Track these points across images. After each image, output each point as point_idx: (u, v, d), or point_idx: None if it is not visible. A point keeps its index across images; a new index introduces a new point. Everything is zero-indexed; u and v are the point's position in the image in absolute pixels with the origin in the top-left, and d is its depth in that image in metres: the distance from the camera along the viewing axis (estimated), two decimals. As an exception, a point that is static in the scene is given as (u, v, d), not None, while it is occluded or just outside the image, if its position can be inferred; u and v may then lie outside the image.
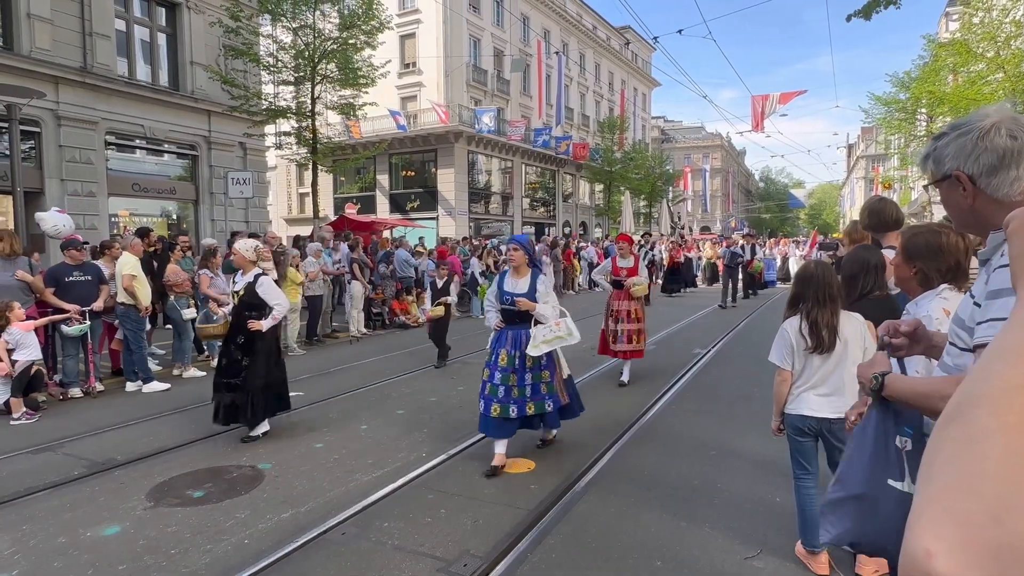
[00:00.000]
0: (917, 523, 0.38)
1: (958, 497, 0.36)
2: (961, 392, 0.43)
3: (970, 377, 0.43)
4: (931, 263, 2.15)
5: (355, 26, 15.00)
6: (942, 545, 0.35)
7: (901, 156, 26.78)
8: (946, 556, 0.35)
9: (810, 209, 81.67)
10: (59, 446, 5.24)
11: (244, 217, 17.27)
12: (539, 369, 4.59)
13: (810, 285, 2.98)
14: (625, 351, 7.02)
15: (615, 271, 7.20)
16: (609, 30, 43.23)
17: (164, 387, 7.19)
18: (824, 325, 2.92)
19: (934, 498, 0.38)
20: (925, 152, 1.27)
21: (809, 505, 3.11)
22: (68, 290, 6.87)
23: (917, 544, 0.36)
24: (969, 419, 0.40)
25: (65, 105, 13.45)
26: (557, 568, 3.18)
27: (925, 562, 0.35)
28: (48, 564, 3.29)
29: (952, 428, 0.41)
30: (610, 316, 7.12)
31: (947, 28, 26.60)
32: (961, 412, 0.41)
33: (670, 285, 18.59)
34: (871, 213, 3.51)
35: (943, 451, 0.40)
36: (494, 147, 30.92)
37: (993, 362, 0.42)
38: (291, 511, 3.88)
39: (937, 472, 0.39)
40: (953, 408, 0.42)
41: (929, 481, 0.39)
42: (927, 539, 0.36)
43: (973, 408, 0.40)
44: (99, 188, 14.26)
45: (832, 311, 2.93)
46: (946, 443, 0.40)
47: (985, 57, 16.42)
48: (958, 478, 0.37)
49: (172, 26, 16.02)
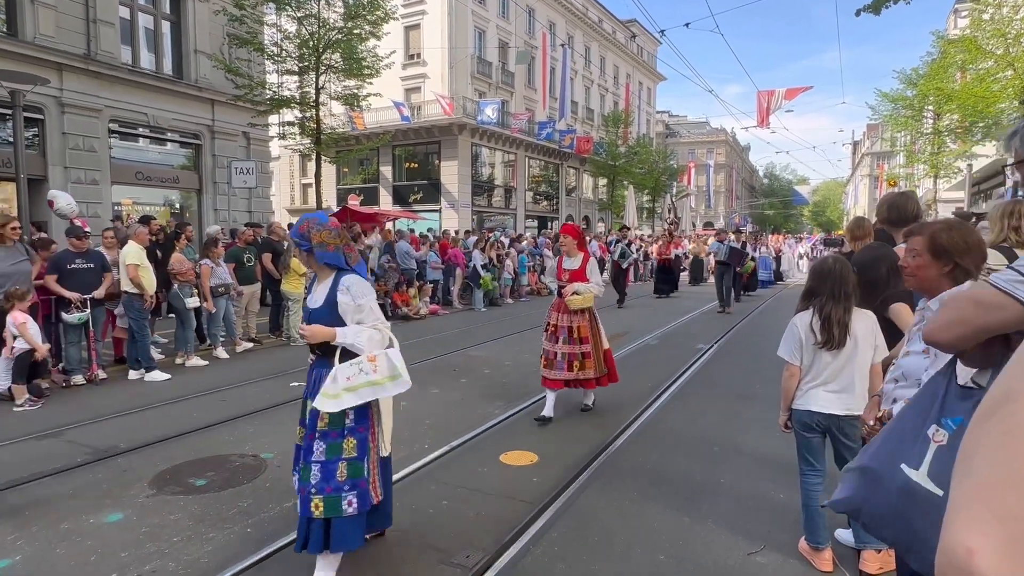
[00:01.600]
0: (956, 519, 0.36)
1: (1001, 493, 0.35)
2: (998, 386, 0.41)
3: (1007, 372, 0.42)
4: (971, 259, 2.07)
5: (360, 16, 14.92)
6: (985, 542, 0.34)
7: (907, 153, 26.64)
8: (989, 554, 0.33)
9: (814, 206, 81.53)
10: (62, 433, 5.25)
11: (247, 207, 17.26)
12: None
13: (826, 280, 2.93)
14: (563, 380, 5.47)
15: (558, 273, 5.67)
16: (615, 23, 42.99)
17: (165, 377, 7.20)
18: (836, 321, 2.88)
19: (974, 494, 0.36)
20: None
21: (813, 501, 3.09)
22: (70, 278, 6.87)
23: (956, 541, 0.35)
24: (1008, 413, 0.38)
25: (69, 92, 13.41)
26: (559, 561, 3.18)
27: (966, 560, 0.34)
28: (51, 550, 3.29)
29: (991, 423, 0.39)
30: (546, 333, 5.63)
31: (956, 25, 26.39)
32: (1000, 406, 0.39)
33: (662, 286, 16.83)
34: (891, 207, 3.43)
35: (982, 446, 0.38)
36: (498, 140, 30.82)
37: None
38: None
39: (976, 467, 0.38)
40: (991, 403, 0.40)
41: (967, 476, 0.38)
42: (968, 536, 0.35)
43: (1012, 403, 0.38)
44: (102, 176, 14.24)
45: (846, 308, 2.90)
46: (985, 438, 0.39)
47: (994, 54, 16.29)
48: (1000, 474, 0.36)
49: (176, 14, 15.95)
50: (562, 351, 5.43)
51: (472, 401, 6.22)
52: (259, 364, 8.06)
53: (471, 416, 5.68)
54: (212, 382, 7.03)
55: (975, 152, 20.22)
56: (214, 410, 5.87)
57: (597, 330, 5.57)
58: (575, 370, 5.43)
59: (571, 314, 5.44)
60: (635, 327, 11.16)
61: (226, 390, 6.70)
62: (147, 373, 7.21)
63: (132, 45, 15.10)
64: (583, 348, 5.45)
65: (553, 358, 5.47)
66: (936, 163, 22.00)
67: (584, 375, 5.46)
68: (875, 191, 48.23)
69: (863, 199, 58.04)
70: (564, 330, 5.45)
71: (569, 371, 5.42)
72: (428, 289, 13.46)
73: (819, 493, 3.09)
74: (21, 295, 6.17)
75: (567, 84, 33.08)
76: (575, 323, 5.45)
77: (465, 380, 7.13)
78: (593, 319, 5.56)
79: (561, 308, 5.49)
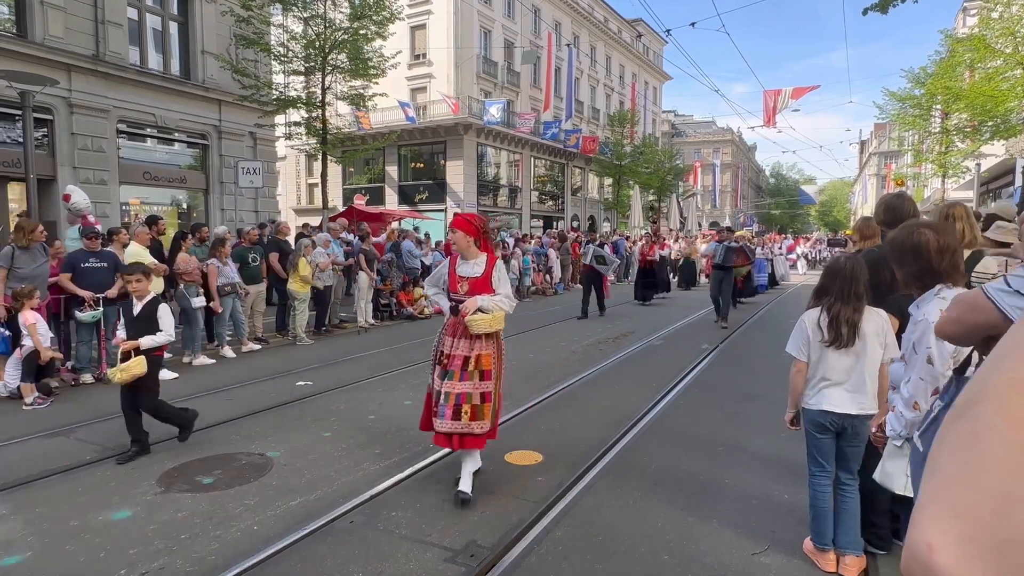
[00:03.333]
0: (919, 516, 0.37)
1: (961, 491, 0.36)
2: (968, 389, 0.42)
3: (977, 375, 0.43)
4: (904, 267, 2.08)
5: (366, 16, 14.95)
6: (944, 539, 0.35)
7: (915, 153, 26.48)
8: (948, 550, 0.34)
9: (821, 206, 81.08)
10: (71, 431, 5.30)
11: (254, 207, 17.33)
12: None
13: (837, 279, 2.93)
14: (447, 433, 3.84)
15: (451, 282, 4.05)
16: (621, 23, 42.90)
17: (172, 376, 7.24)
18: (844, 321, 2.88)
19: (937, 492, 0.38)
20: None
21: (822, 502, 3.09)
22: (84, 276, 6.94)
23: (919, 536, 0.36)
24: (975, 415, 0.40)
25: (77, 93, 13.51)
26: (564, 560, 3.19)
27: (927, 555, 0.35)
28: (60, 547, 3.33)
29: (958, 424, 0.41)
30: (436, 365, 4.02)
31: (964, 23, 26.22)
32: (968, 408, 0.41)
33: (644, 291, 15.26)
34: (887, 209, 3.43)
35: (947, 445, 0.40)
36: (503, 139, 30.84)
37: (1001, 359, 0.42)
38: (300, 499, 3.91)
39: (941, 466, 0.39)
40: (960, 405, 0.42)
41: (933, 475, 0.39)
42: (929, 532, 0.36)
43: (979, 404, 0.40)
44: (111, 176, 14.34)
45: (855, 308, 2.89)
46: (951, 437, 0.40)
47: (1003, 53, 16.16)
48: (962, 472, 0.37)
49: (184, 15, 16.03)
50: (449, 389, 3.85)
51: (477, 400, 6.23)
52: (265, 363, 8.10)
53: (476, 415, 5.69)
54: (219, 381, 7.07)
55: (983, 151, 20.07)
56: (221, 409, 5.91)
57: (501, 367, 4.10)
58: (464, 417, 3.81)
59: (471, 339, 3.92)
60: (639, 328, 11.16)
61: (233, 389, 6.74)
62: None
63: (140, 46, 15.19)
64: (483, 387, 3.89)
65: (438, 400, 3.89)
66: (944, 162, 21.85)
67: (477, 427, 3.85)
68: (882, 191, 47.94)
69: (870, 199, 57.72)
70: (458, 361, 3.90)
71: (455, 418, 3.80)
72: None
73: (828, 494, 3.09)
74: (29, 293, 6.23)
75: (572, 84, 33.05)
76: (476, 351, 3.91)
77: (470, 380, 7.14)
78: (499, 349, 4.08)
79: (457, 331, 3.94)
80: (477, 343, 3.94)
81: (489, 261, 4.07)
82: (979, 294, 1.29)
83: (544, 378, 7.17)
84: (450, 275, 4.10)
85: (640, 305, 14.76)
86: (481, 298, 3.90)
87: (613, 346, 9.32)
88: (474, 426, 3.85)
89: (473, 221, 4.13)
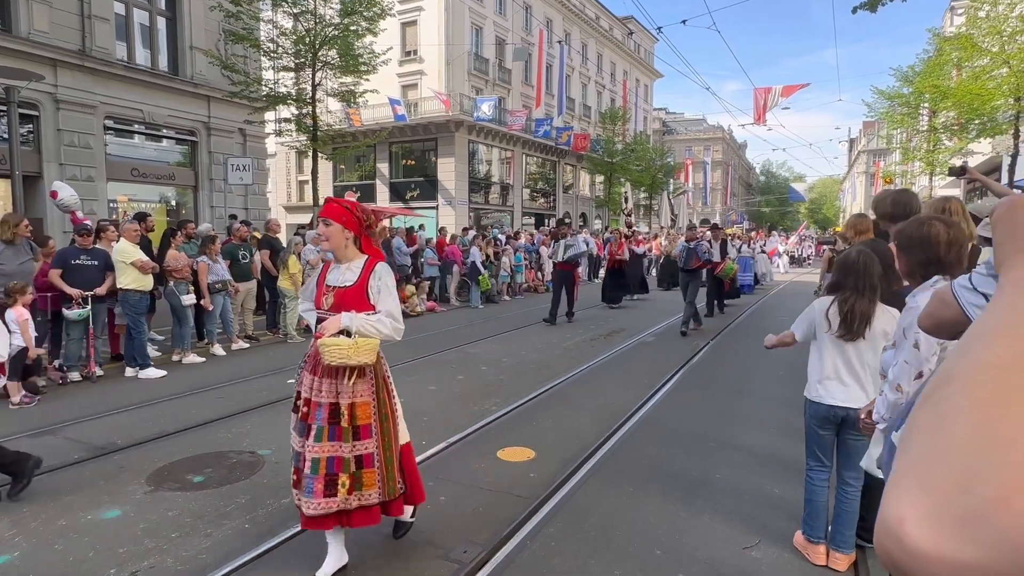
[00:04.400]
0: (891, 492, 0.40)
1: (928, 467, 0.39)
2: (940, 371, 0.45)
3: (948, 358, 0.46)
4: (911, 255, 2.13)
5: (356, 12, 14.87)
6: (913, 512, 0.37)
7: (903, 151, 26.71)
8: (916, 522, 0.37)
9: (810, 203, 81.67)
10: (59, 430, 5.24)
11: (243, 204, 17.21)
12: None
13: (851, 273, 2.93)
14: (320, 516, 2.83)
15: (317, 294, 3.03)
16: (612, 20, 42.94)
17: (160, 374, 7.18)
18: (859, 314, 2.89)
19: (907, 468, 0.40)
20: None
21: (818, 496, 3.12)
22: (73, 273, 6.86)
23: (890, 510, 0.39)
24: (943, 396, 0.42)
25: (64, 88, 13.35)
26: (556, 556, 3.20)
27: (897, 528, 0.38)
28: (49, 546, 3.30)
29: (928, 405, 0.43)
30: (295, 414, 3.04)
31: (952, 22, 26.45)
32: (937, 390, 0.43)
33: (612, 292, 13.92)
34: (895, 203, 3.42)
35: (918, 424, 0.43)
36: (495, 137, 30.79)
37: (970, 344, 0.45)
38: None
39: (912, 444, 0.42)
40: (931, 386, 0.44)
41: (905, 452, 0.42)
42: (900, 506, 0.38)
43: (947, 386, 0.42)
44: (98, 173, 14.19)
45: (871, 300, 2.90)
46: (921, 417, 0.43)
47: (990, 52, 16.32)
48: (929, 450, 0.40)
49: (172, 10, 15.88)
50: (317, 454, 2.80)
51: (469, 398, 6.24)
52: (256, 361, 8.06)
53: (468, 412, 5.70)
54: (209, 379, 7.03)
55: (970, 149, 20.29)
56: (211, 407, 5.87)
57: (390, 409, 3.01)
58: (341, 491, 2.80)
59: (336, 378, 2.84)
60: (631, 325, 11.19)
61: (223, 387, 6.70)
62: (141, 371, 7.20)
63: (127, 41, 15.03)
64: (360, 448, 2.86)
65: (302, 467, 2.85)
66: (932, 160, 22.06)
67: (361, 499, 2.86)
68: (871, 188, 48.36)
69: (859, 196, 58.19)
70: (324, 411, 2.83)
71: (328, 494, 2.78)
72: (425, 286, 13.47)
73: (824, 489, 3.12)
74: (22, 289, 6.15)
75: (564, 81, 33.04)
76: (346, 398, 2.84)
77: (462, 377, 7.14)
78: (383, 387, 3.01)
79: (319, 367, 2.87)
80: (345, 385, 2.81)
81: (367, 265, 2.97)
82: (948, 290, 1.33)
83: (536, 375, 7.18)
84: (318, 283, 3.04)
85: (608, 308, 13.52)
86: (347, 316, 2.82)
87: (605, 343, 9.34)
88: (356, 498, 2.82)
89: (353, 210, 3.02)
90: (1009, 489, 0.35)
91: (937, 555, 0.36)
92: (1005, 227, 0.52)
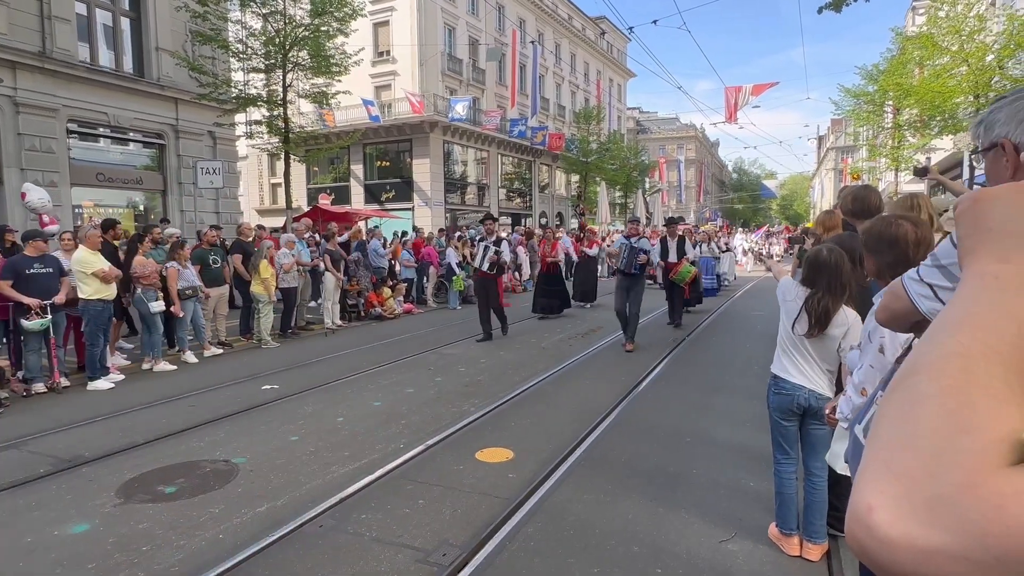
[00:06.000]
0: (860, 479, 0.40)
1: (897, 454, 0.40)
2: (907, 362, 0.46)
3: (916, 348, 0.47)
4: (880, 256, 2.15)
5: (327, 13, 14.70)
6: (882, 499, 0.38)
7: (870, 147, 27.34)
8: (885, 509, 0.37)
9: (782, 200, 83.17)
10: (23, 443, 5.08)
11: (215, 208, 16.90)
12: None
13: (824, 271, 2.94)
14: None
15: None
16: (584, 20, 43.18)
17: (109, 386, 6.97)
18: (825, 313, 2.91)
19: (876, 456, 0.41)
20: (980, 118, 1.13)
21: (787, 488, 3.18)
22: (28, 283, 6.64)
23: (860, 498, 0.39)
24: (910, 385, 0.43)
25: (23, 91, 12.94)
26: (536, 556, 3.20)
27: (866, 515, 0.38)
28: (14, 564, 3.20)
29: (896, 394, 0.44)
30: None
31: (914, 22, 27.17)
32: (904, 379, 0.45)
33: (545, 299, 11.73)
34: (855, 199, 3.50)
35: (887, 413, 0.44)
36: (470, 137, 30.72)
37: (936, 333, 0.46)
38: (267, 505, 3.83)
39: (880, 433, 0.43)
40: (900, 375, 0.46)
41: (875, 440, 0.42)
42: (869, 493, 0.39)
43: (914, 375, 0.44)
44: (61, 178, 13.78)
45: (839, 299, 2.92)
46: (890, 406, 0.44)
47: (950, 51, 16.79)
48: (898, 437, 0.41)
49: (136, 10, 15.50)
50: None
51: (447, 399, 6.22)
52: (229, 368, 7.92)
53: (446, 414, 5.68)
54: (181, 387, 6.88)
55: (933, 145, 20.85)
56: (183, 416, 5.75)
57: None
58: None
59: None
60: (608, 323, 11.25)
61: (195, 395, 6.57)
62: (91, 382, 6.98)
63: (90, 42, 14.63)
64: None
65: None
66: (897, 156, 22.62)
67: None
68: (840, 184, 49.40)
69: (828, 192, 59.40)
70: None
71: None
72: (402, 288, 13.38)
73: (793, 481, 3.18)
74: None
75: (537, 81, 33.10)
76: None
77: (440, 379, 7.12)
78: None
79: None
80: None
81: None
82: (899, 282, 1.34)
83: (514, 375, 7.18)
84: None
85: (540, 319, 11.51)
86: None
87: (583, 342, 9.39)
88: None
89: None
90: (975, 475, 0.36)
91: (906, 542, 0.36)
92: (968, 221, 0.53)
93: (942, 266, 1.22)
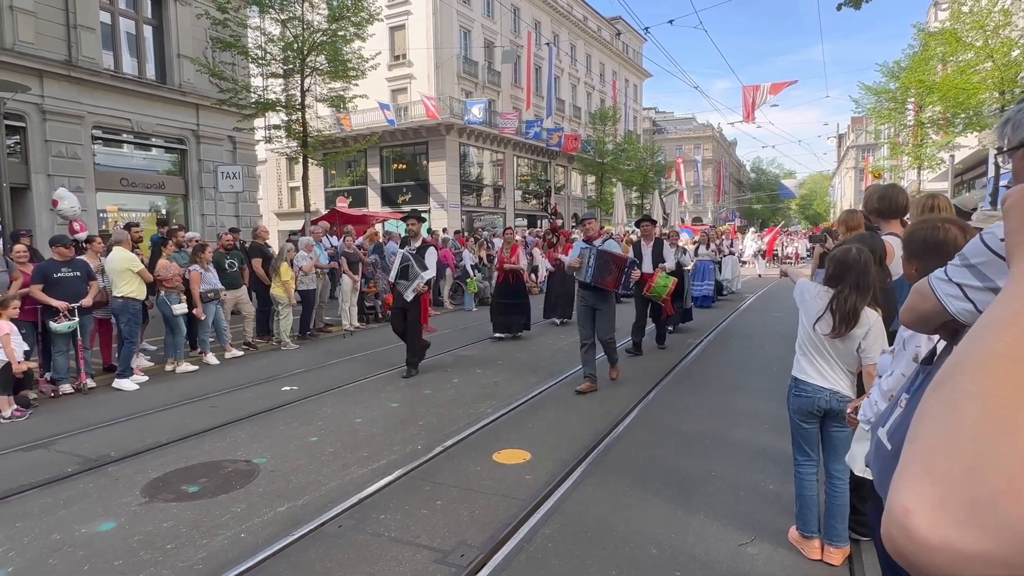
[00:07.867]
0: (898, 480, 0.39)
1: (936, 456, 0.38)
2: (948, 363, 0.45)
3: (959, 347, 0.46)
4: (929, 262, 2.09)
5: (344, 18, 14.85)
6: (920, 502, 0.37)
7: (891, 145, 26.90)
8: (923, 513, 0.37)
9: (801, 199, 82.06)
10: (51, 443, 5.21)
11: (234, 211, 17.15)
12: None
13: (852, 270, 2.88)
14: None
15: None
16: (600, 21, 43.07)
17: (133, 387, 7.10)
18: (852, 312, 2.85)
19: (915, 457, 0.40)
20: (1006, 116, 1.10)
21: (808, 491, 3.13)
22: (57, 286, 6.81)
23: (897, 500, 0.38)
24: (953, 385, 0.42)
25: (50, 99, 13.26)
26: (554, 557, 3.20)
27: (903, 518, 0.37)
28: (43, 561, 3.28)
29: (938, 393, 0.43)
30: None
31: (936, 17, 26.69)
32: (947, 378, 0.43)
33: (504, 317, 9.84)
34: (881, 198, 3.44)
35: (927, 414, 0.42)
36: (486, 139, 30.81)
37: (980, 333, 0.45)
38: (287, 505, 3.88)
39: (921, 433, 0.41)
40: (941, 376, 0.44)
41: (913, 442, 0.41)
42: (906, 496, 0.38)
43: (957, 375, 0.42)
44: (87, 183, 14.10)
45: (865, 299, 2.87)
46: (930, 406, 0.43)
47: (974, 46, 16.49)
48: (938, 439, 0.39)
49: (158, 18, 15.81)
50: None
51: (464, 401, 6.24)
52: (249, 370, 8.03)
53: (464, 416, 5.70)
54: (203, 388, 7.00)
55: (957, 143, 20.46)
56: (205, 416, 5.85)
57: None
58: None
59: None
60: (623, 325, 11.20)
61: (217, 396, 6.67)
62: (117, 379, 7.15)
63: (114, 50, 14.95)
64: None
65: None
66: (919, 155, 22.23)
67: None
68: (860, 183, 48.68)
69: (849, 192, 58.56)
70: None
71: None
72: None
73: (814, 483, 3.14)
74: (4, 302, 6.11)
75: (553, 82, 33.10)
76: None
77: (457, 380, 7.15)
78: None
79: None
80: None
81: None
82: (926, 283, 1.32)
83: (531, 376, 7.19)
84: None
85: (498, 339, 9.71)
86: None
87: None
88: None
89: None
90: (1017, 480, 0.35)
91: (944, 545, 0.35)
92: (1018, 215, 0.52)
93: (972, 265, 1.19)
